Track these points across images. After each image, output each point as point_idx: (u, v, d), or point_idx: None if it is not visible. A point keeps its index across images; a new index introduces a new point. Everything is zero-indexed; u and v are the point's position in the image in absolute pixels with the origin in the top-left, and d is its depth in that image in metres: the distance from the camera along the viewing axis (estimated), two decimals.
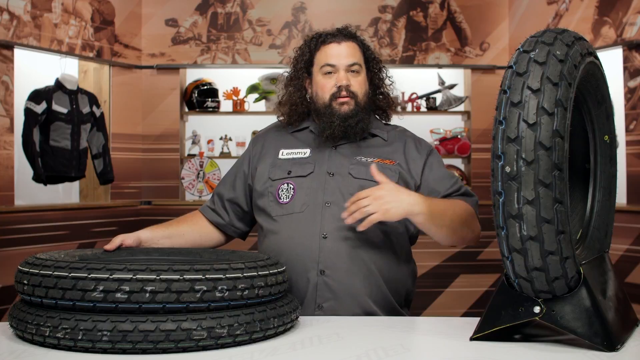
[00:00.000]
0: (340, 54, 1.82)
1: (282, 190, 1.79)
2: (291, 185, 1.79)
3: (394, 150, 1.85)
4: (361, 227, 1.59)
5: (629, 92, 3.95)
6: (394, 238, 1.77)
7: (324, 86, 1.82)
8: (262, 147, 1.92)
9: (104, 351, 1.19)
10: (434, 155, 1.87)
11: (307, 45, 1.88)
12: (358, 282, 1.71)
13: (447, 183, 1.81)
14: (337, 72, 1.81)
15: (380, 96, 1.91)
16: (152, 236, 1.76)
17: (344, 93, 1.79)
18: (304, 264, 1.71)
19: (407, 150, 1.85)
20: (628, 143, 3.96)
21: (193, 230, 1.88)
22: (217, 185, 1.98)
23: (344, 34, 1.86)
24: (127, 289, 1.18)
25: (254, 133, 4.84)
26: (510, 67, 1.21)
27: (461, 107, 5.00)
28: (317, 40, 1.87)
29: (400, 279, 1.78)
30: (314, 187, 1.77)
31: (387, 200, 1.57)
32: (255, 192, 1.85)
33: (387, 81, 1.93)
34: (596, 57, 1.37)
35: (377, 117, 1.94)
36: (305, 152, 1.84)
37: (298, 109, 1.89)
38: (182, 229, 1.86)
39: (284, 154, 1.86)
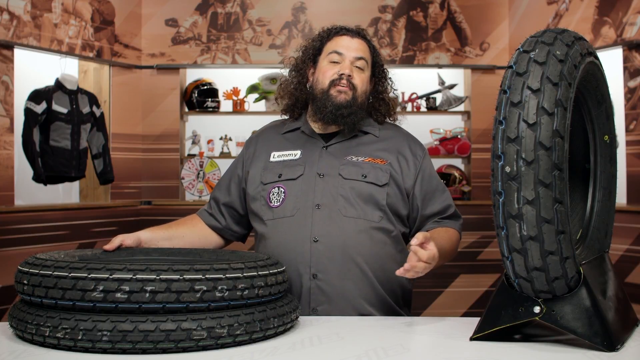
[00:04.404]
0: (350, 46, 1.84)
1: (273, 194, 1.79)
2: (282, 189, 1.79)
3: (386, 148, 1.84)
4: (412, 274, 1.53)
5: (629, 92, 3.95)
6: (387, 238, 1.76)
7: (326, 72, 1.83)
8: (255, 149, 1.92)
9: (104, 351, 1.19)
10: (426, 160, 1.87)
11: (320, 35, 1.91)
12: (351, 285, 1.71)
13: (437, 201, 1.82)
14: (343, 62, 1.82)
15: (382, 102, 1.91)
16: (152, 237, 1.76)
17: (344, 82, 1.80)
18: (296, 269, 1.71)
19: (401, 149, 1.84)
20: (628, 143, 3.96)
21: (193, 233, 1.88)
22: (213, 189, 1.98)
23: (359, 31, 1.88)
24: (127, 289, 1.18)
25: (254, 133, 4.84)
26: (510, 67, 1.21)
27: (461, 107, 5.00)
28: (330, 31, 1.89)
29: (395, 278, 1.77)
30: (304, 189, 1.77)
31: (430, 269, 1.55)
32: (249, 196, 1.85)
33: (390, 93, 1.94)
34: (596, 57, 1.37)
35: (370, 116, 1.92)
36: (296, 154, 1.84)
37: (296, 93, 1.90)
38: (182, 231, 1.86)
39: (275, 156, 1.86)
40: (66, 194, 4.70)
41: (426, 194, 1.82)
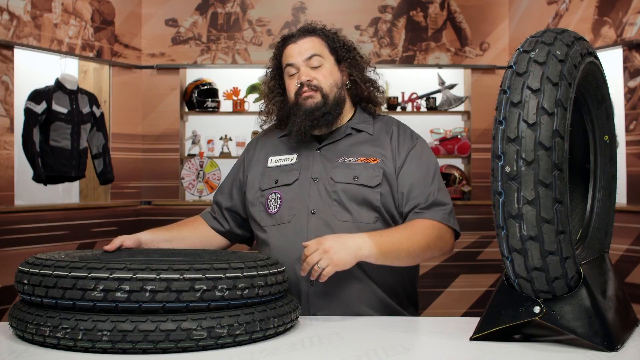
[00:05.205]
0: (297, 51, 1.82)
1: (271, 200, 1.79)
2: (278, 195, 1.78)
3: (379, 144, 1.81)
4: (322, 280, 1.52)
5: (629, 92, 3.95)
6: None
7: (289, 87, 1.84)
8: (254, 153, 1.92)
9: (104, 351, 1.18)
10: (415, 150, 1.80)
11: (274, 54, 1.91)
12: (350, 289, 1.70)
13: (417, 191, 1.74)
14: (298, 70, 1.81)
15: (355, 83, 1.86)
16: (152, 238, 1.75)
17: (305, 89, 1.79)
18: (294, 275, 1.70)
19: (392, 141, 1.82)
20: (628, 143, 3.96)
21: (194, 235, 1.87)
22: (216, 192, 1.98)
23: (301, 31, 1.86)
24: (127, 288, 1.18)
25: (254, 133, 4.84)
26: (510, 67, 1.21)
27: (461, 107, 5.00)
28: (278, 46, 1.89)
29: (395, 280, 1.77)
30: (299, 194, 1.76)
31: (336, 251, 1.52)
32: (247, 201, 1.85)
33: (367, 68, 1.89)
34: (596, 57, 1.37)
35: (365, 110, 1.90)
36: (292, 158, 1.83)
37: (281, 112, 1.89)
38: (183, 232, 1.85)
39: (273, 161, 1.85)
40: (66, 194, 4.70)
41: (408, 184, 1.76)
